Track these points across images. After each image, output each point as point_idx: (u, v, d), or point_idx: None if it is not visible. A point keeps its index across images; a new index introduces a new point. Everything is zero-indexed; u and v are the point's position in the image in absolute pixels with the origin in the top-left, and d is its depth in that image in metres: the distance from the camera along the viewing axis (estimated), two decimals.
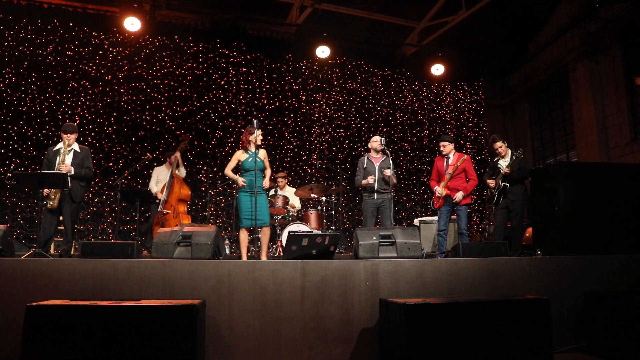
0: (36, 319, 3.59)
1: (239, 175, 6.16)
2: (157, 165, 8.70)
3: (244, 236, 6.11)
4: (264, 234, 6.14)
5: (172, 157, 8.28)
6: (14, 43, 9.44)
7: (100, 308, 3.65)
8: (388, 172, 6.73)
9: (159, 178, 8.33)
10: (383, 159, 6.96)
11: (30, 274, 4.31)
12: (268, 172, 6.31)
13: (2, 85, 9.24)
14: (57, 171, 5.76)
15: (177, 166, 8.15)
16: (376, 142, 7.03)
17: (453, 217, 7.04)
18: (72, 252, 7.88)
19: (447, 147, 6.96)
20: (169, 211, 7.82)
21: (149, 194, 7.50)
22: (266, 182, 6.16)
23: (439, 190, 6.82)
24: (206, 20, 10.74)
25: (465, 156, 6.85)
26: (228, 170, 6.23)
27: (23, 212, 9.04)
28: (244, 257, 6.04)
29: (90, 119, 9.71)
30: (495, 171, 7.06)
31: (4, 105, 9.20)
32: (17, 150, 9.15)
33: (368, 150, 7.17)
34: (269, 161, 6.40)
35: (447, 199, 6.79)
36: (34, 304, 3.67)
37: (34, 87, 9.44)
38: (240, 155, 6.21)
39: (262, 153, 6.27)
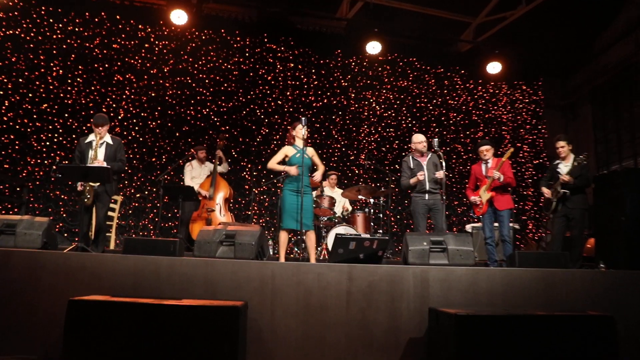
0: (78, 314, 3.69)
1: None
2: (186, 161, 8.77)
3: (284, 237, 6.08)
4: (309, 238, 6.09)
5: (200, 152, 8.53)
6: (62, 36, 9.76)
7: (141, 306, 3.73)
8: (441, 174, 6.63)
9: (194, 174, 8.48)
10: (429, 156, 6.88)
11: (73, 268, 4.44)
12: (321, 168, 6.32)
13: (49, 77, 9.57)
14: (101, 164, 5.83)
15: (220, 163, 8.28)
16: (420, 143, 6.90)
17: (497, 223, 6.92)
18: (113, 248, 8.13)
19: (489, 151, 6.90)
20: (214, 209, 7.92)
21: (192, 191, 7.60)
22: (318, 175, 6.16)
23: (481, 194, 6.76)
24: (253, 14, 10.83)
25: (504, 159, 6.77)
26: (273, 163, 6.20)
27: (66, 205, 9.30)
28: (282, 259, 6.04)
29: (134, 113, 9.94)
30: (553, 175, 6.87)
31: (51, 97, 9.52)
32: (62, 142, 9.44)
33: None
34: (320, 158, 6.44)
35: (490, 205, 6.71)
36: (76, 298, 3.78)
37: (80, 80, 9.74)
38: (288, 150, 6.23)
39: (310, 151, 6.30)
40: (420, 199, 6.76)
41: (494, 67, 10.92)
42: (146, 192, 9.79)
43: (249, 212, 9.59)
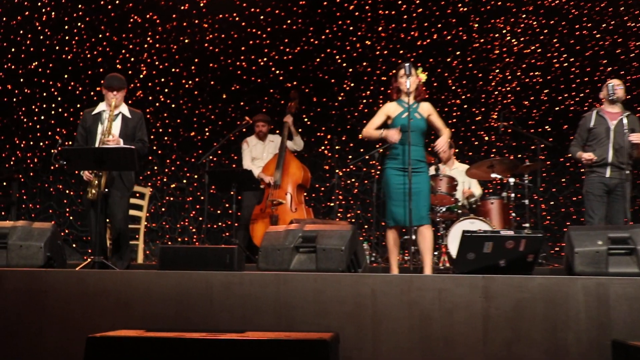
0: (100, 356, 3.82)
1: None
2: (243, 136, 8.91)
3: (393, 237, 6.11)
4: (423, 237, 6.05)
5: (260, 124, 8.56)
6: None
7: (188, 342, 3.81)
8: (636, 136, 6.44)
9: (254, 154, 8.54)
10: (624, 115, 6.67)
11: (90, 293, 4.60)
12: (446, 132, 6.32)
13: (37, 23, 9.75)
14: (122, 145, 5.90)
15: (290, 136, 8.32)
16: (617, 87, 6.71)
17: None
18: (142, 262, 8.37)
19: None
20: (284, 201, 7.99)
21: (250, 176, 7.70)
22: (442, 143, 6.18)
23: None
24: None
25: None
26: (369, 129, 6.23)
27: (73, 203, 9.58)
28: (395, 270, 6.07)
29: (161, 69, 10.13)
30: None
31: (42, 52, 9.74)
32: (63, 115, 9.75)
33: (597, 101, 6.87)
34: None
35: None
36: (97, 335, 3.89)
37: (81, 26, 9.92)
38: (390, 109, 6.22)
39: (426, 107, 6.30)
40: (597, 177, 6.63)
41: None
42: (184, 181, 9.98)
43: (332, 204, 9.62)
